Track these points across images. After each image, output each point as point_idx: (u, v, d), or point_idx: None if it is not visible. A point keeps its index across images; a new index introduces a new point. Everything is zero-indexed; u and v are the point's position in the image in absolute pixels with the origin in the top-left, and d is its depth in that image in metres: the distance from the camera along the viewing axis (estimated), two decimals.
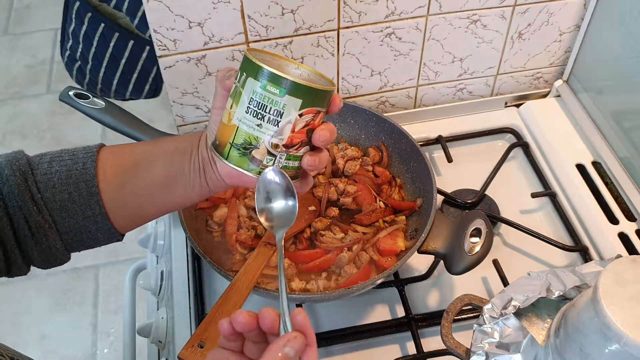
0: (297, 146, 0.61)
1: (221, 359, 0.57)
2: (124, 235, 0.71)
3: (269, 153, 0.61)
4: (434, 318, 0.90)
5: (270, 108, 0.59)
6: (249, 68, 0.59)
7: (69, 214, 0.66)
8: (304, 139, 0.61)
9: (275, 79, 0.58)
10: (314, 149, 0.64)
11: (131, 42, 1.14)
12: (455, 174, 1.09)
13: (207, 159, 0.66)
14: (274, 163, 0.61)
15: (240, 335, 0.57)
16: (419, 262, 0.97)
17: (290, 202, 0.61)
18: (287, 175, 0.61)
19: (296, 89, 0.58)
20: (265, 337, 0.57)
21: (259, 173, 0.61)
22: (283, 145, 0.61)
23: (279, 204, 0.62)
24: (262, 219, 0.63)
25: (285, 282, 0.58)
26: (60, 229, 0.67)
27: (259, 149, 0.60)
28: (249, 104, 0.59)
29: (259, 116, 0.59)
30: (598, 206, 1.01)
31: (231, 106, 0.61)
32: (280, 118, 0.59)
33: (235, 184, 0.68)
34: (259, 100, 0.59)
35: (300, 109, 0.59)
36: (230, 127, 0.61)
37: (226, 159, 0.62)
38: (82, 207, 0.66)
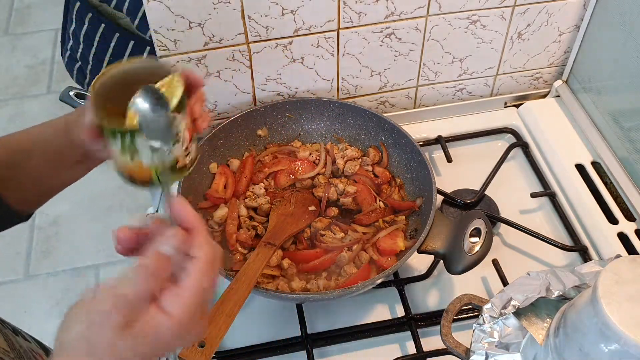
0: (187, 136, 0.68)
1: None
2: (30, 215, 0.76)
3: (184, 156, 0.69)
4: (433, 318, 0.90)
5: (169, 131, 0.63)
6: (129, 130, 0.61)
7: None
8: (193, 133, 0.70)
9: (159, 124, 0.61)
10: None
11: (132, 43, 1.14)
12: (455, 174, 1.10)
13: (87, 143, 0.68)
14: (188, 157, 0.71)
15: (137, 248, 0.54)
16: (419, 262, 0.97)
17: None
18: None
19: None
20: None
21: (188, 170, 0.71)
22: (186, 147, 0.69)
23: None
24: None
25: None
26: None
27: (179, 161, 0.67)
28: (151, 146, 0.62)
29: (167, 148, 0.63)
30: (597, 206, 1.02)
31: (132, 157, 0.63)
32: (179, 134, 0.65)
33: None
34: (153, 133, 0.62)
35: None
36: (144, 169, 0.64)
37: (160, 185, 0.65)
38: None
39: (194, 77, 0.67)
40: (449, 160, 1.09)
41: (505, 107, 1.21)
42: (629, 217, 1.01)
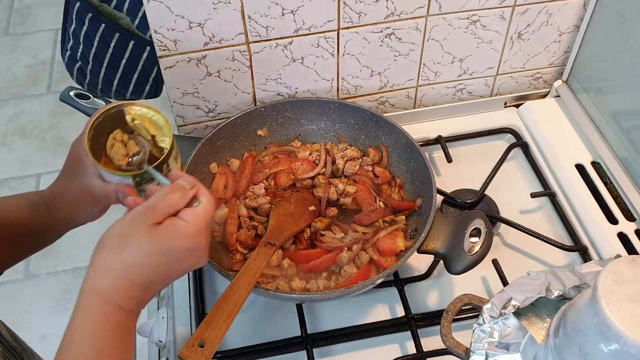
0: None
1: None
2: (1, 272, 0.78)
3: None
4: (433, 318, 0.90)
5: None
6: (164, 157, 0.71)
7: None
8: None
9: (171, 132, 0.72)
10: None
11: (132, 43, 1.14)
12: (454, 174, 1.10)
13: (96, 192, 0.74)
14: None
15: None
16: (419, 262, 0.97)
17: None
18: None
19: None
20: None
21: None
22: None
23: None
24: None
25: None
26: None
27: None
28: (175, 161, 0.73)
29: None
30: (597, 206, 1.02)
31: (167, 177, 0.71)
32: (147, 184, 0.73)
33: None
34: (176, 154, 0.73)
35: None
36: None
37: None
38: None
39: None
40: (449, 160, 1.09)
41: (505, 107, 1.21)
42: (629, 217, 1.01)
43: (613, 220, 1.00)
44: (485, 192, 1.05)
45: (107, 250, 0.61)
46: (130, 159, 0.72)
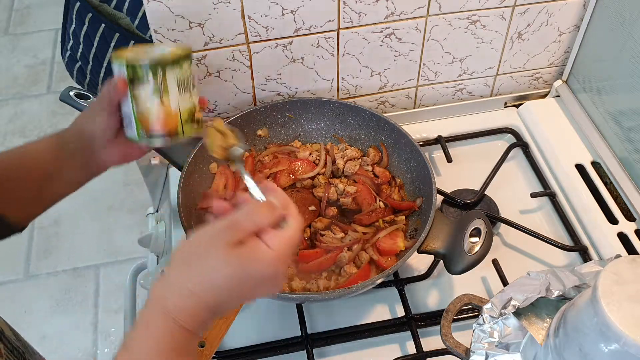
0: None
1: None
2: (25, 226, 0.75)
3: (198, 111, 0.75)
4: (433, 318, 0.90)
5: (189, 78, 0.73)
6: (162, 62, 0.70)
7: None
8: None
9: (186, 56, 0.72)
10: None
11: (132, 43, 1.14)
12: (454, 174, 1.10)
13: (89, 154, 0.73)
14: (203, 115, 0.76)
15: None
16: (419, 262, 0.97)
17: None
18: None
19: (189, 56, 0.73)
20: None
21: (204, 126, 0.75)
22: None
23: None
24: None
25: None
26: None
27: (197, 111, 0.74)
28: (178, 86, 0.71)
29: (188, 88, 0.72)
30: (597, 206, 1.02)
31: (161, 101, 0.71)
32: (194, 79, 0.74)
33: (117, 164, 0.77)
34: (182, 78, 0.72)
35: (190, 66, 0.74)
36: (172, 114, 0.72)
37: (184, 135, 0.73)
38: None
39: None
40: (449, 160, 1.09)
41: (505, 107, 1.21)
42: (629, 217, 1.01)
43: (613, 220, 1.00)
44: (485, 192, 1.05)
45: (182, 264, 0.57)
46: (227, 152, 0.73)
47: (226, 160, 0.73)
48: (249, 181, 0.65)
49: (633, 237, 0.98)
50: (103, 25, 1.14)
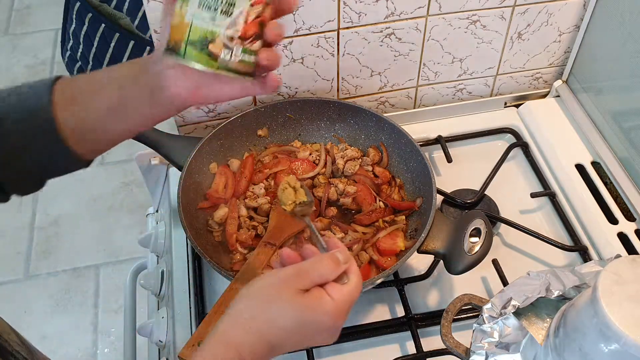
0: (251, 39, 0.63)
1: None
2: (91, 161, 0.70)
3: (226, 46, 0.62)
4: (433, 318, 0.90)
5: (217, 2, 0.61)
6: None
7: (27, 146, 0.65)
8: (257, 31, 0.63)
9: None
10: (267, 45, 0.65)
11: (132, 43, 1.14)
12: (454, 174, 1.10)
13: (155, 82, 0.65)
14: (231, 56, 0.62)
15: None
16: (419, 262, 0.97)
17: None
18: None
19: None
20: None
21: (219, 68, 0.62)
22: (238, 37, 0.62)
23: None
24: None
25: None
26: (21, 160, 0.66)
27: (215, 42, 0.61)
28: (199, 1, 0.61)
29: (212, 9, 0.61)
30: (597, 206, 1.02)
31: (181, 6, 0.61)
32: (233, 8, 0.61)
33: (193, 103, 0.67)
34: None
35: None
36: (184, 25, 0.61)
37: (183, 58, 0.62)
38: (40, 138, 0.65)
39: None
40: (449, 160, 1.09)
41: (505, 107, 1.21)
42: (629, 217, 1.01)
43: (613, 220, 1.00)
44: (485, 192, 1.05)
45: (252, 299, 0.61)
46: (295, 206, 0.75)
47: (294, 214, 0.76)
48: (316, 235, 0.70)
49: (633, 237, 0.98)
50: (103, 25, 1.14)
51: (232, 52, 0.62)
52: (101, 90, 0.67)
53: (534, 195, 1.04)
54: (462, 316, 0.86)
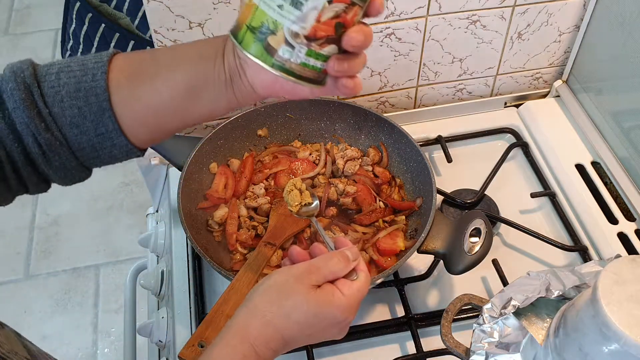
0: (321, 41, 0.53)
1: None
2: (145, 150, 0.66)
3: (287, 43, 0.53)
4: (433, 318, 0.90)
5: None
6: None
7: (80, 131, 0.61)
8: (330, 33, 0.54)
9: None
10: (343, 52, 0.57)
11: (132, 43, 1.14)
12: (454, 174, 1.10)
13: (234, 66, 0.60)
14: (290, 56, 0.53)
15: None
16: (419, 262, 0.97)
17: None
18: None
19: None
20: None
21: (273, 66, 0.53)
22: (304, 35, 0.53)
23: None
24: None
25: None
26: (72, 146, 0.62)
27: (275, 35, 0.52)
28: None
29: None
30: (597, 206, 1.02)
31: None
32: (305, 1, 0.51)
33: (269, 95, 0.62)
34: None
35: None
36: (249, 6, 0.53)
37: (240, 44, 0.54)
38: (93, 123, 0.61)
39: (376, 3, 0.62)
40: (449, 160, 1.09)
41: (505, 107, 1.21)
42: (629, 217, 1.01)
43: (613, 220, 1.00)
44: (485, 192, 1.05)
45: (267, 295, 0.62)
46: (301, 208, 0.78)
47: (300, 216, 0.78)
48: (324, 234, 0.72)
49: (633, 237, 0.98)
50: (103, 25, 1.14)
51: (293, 52, 0.53)
52: (169, 76, 0.62)
53: (534, 195, 1.04)
54: (462, 316, 0.86)
